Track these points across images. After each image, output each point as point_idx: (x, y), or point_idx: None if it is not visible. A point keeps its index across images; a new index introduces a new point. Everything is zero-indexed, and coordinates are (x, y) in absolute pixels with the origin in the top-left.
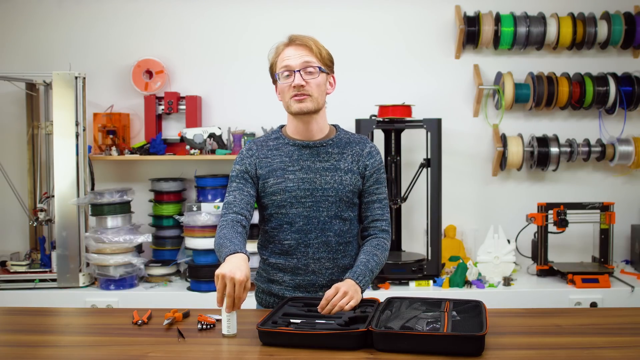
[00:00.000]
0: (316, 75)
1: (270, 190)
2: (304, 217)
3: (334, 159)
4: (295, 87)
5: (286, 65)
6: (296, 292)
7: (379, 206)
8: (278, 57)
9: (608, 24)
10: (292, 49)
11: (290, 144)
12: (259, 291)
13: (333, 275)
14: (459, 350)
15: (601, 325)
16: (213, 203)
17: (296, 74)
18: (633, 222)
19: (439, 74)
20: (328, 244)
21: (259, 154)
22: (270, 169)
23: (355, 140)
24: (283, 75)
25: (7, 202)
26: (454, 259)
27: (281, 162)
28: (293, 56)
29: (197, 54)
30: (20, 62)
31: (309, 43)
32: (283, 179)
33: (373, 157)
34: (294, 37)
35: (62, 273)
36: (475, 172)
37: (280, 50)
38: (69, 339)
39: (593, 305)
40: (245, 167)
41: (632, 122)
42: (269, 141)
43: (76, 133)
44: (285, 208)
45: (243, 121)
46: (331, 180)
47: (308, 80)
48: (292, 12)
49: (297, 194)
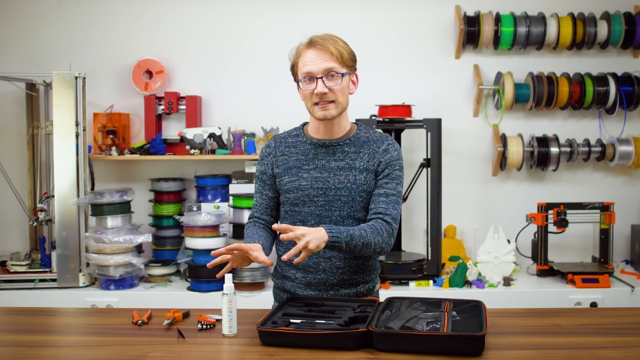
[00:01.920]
0: (339, 80)
1: (285, 188)
2: (316, 216)
3: (349, 157)
4: (317, 94)
5: (308, 72)
6: (308, 290)
7: (384, 200)
8: (299, 59)
9: (608, 24)
10: (313, 52)
11: (307, 143)
12: (275, 287)
13: (344, 274)
14: (459, 350)
15: (601, 325)
16: (213, 203)
17: (318, 82)
18: (633, 222)
19: (439, 74)
20: None
21: (277, 152)
22: (286, 167)
23: (373, 138)
24: (305, 80)
25: (7, 202)
26: (454, 259)
27: (297, 160)
28: (315, 61)
29: (197, 54)
30: (20, 62)
31: (330, 47)
32: (297, 177)
33: (389, 153)
34: (315, 39)
35: (62, 273)
36: (475, 172)
37: (301, 52)
38: (69, 339)
39: (593, 305)
40: (264, 167)
41: (632, 122)
42: (289, 138)
43: (76, 133)
44: (298, 206)
45: (243, 121)
46: (345, 180)
47: (331, 87)
48: (292, 13)
49: (310, 192)
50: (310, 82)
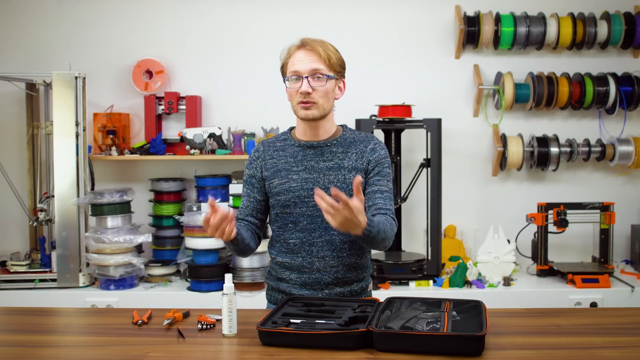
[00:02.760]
0: (324, 82)
1: (275, 190)
2: (308, 217)
3: (338, 157)
4: (302, 94)
5: (295, 71)
6: (303, 290)
7: (380, 196)
8: (289, 60)
9: (608, 24)
10: (302, 53)
11: (295, 145)
12: (269, 289)
13: (338, 273)
14: (459, 350)
15: (601, 325)
16: None
17: (304, 81)
18: (633, 222)
19: (439, 74)
20: (332, 243)
21: (265, 155)
22: (275, 170)
23: (360, 138)
24: (292, 79)
25: (7, 202)
26: (454, 259)
27: (286, 162)
28: (303, 61)
29: (197, 54)
30: (20, 62)
31: (318, 49)
32: (287, 179)
33: (376, 152)
34: (306, 41)
35: (62, 273)
36: (475, 172)
37: (291, 53)
38: (69, 339)
39: (593, 305)
40: (253, 171)
41: (632, 122)
42: (277, 142)
43: (76, 133)
44: (289, 208)
45: (243, 121)
46: (335, 179)
47: (315, 87)
48: (292, 13)
49: (301, 193)
50: (296, 82)
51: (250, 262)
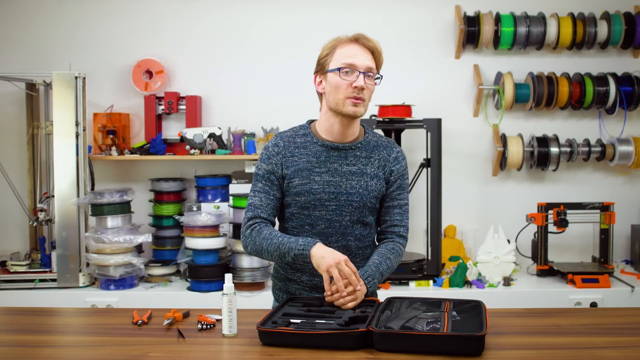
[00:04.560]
0: (374, 82)
1: (295, 190)
2: (326, 220)
3: (361, 162)
4: (357, 88)
5: (351, 64)
6: (313, 292)
7: (399, 212)
8: (338, 50)
9: (608, 24)
10: (357, 47)
11: (318, 144)
12: (276, 288)
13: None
14: (459, 350)
15: (601, 325)
16: (213, 203)
17: (360, 76)
18: (633, 222)
19: (439, 74)
20: (348, 248)
21: (286, 152)
22: (296, 169)
23: (382, 144)
24: (344, 71)
25: (7, 202)
26: (454, 259)
27: (308, 162)
28: (359, 55)
29: (197, 54)
30: (20, 62)
31: (376, 48)
32: (309, 180)
33: (399, 162)
34: (362, 36)
35: (62, 273)
36: (475, 172)
37: (342, 43)
38: (69, 339)
39: (593, 305)
40: (272, 167)
41: (632, 122)
42: (297, 137)
43: (76, 133)
44: (308, 210)
45: (243, 121)
46: (357, 185)
47: (368, 85)
48: (292, 13)
49: (322, 196)
50: (348, 75)
51: (250, 262)
